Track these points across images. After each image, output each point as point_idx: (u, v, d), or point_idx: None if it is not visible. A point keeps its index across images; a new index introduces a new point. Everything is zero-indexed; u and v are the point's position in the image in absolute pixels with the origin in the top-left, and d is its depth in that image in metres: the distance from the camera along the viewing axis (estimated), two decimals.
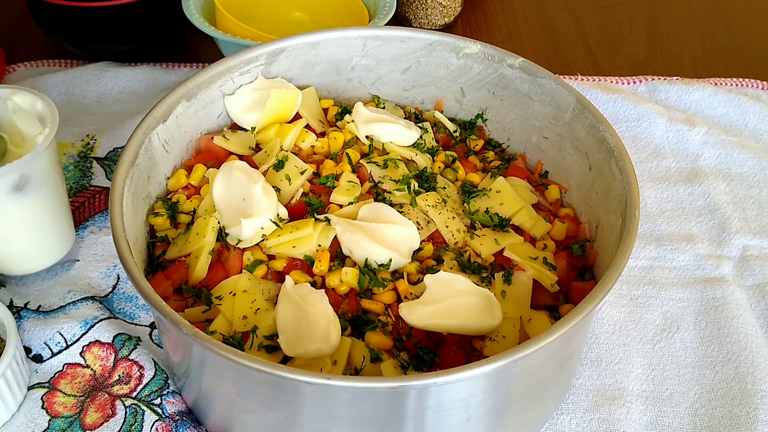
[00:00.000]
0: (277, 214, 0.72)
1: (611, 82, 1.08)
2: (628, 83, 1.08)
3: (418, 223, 0.73)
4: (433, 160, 0.82)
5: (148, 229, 0.75)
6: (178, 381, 0.72)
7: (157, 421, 0.70)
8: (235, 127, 0.84)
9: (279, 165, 0.77)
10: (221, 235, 0.71)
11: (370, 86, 0.89)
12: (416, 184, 0.77)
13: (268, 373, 0.54)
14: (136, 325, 0.78)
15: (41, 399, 0.71)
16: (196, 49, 1.13)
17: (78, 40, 1.05)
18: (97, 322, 0.76)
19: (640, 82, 1.08)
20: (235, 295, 0.67)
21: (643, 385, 0.76)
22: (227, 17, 0.98)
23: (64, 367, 0.73)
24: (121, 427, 0.69)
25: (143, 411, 0.70)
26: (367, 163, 0.78)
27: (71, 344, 0.74)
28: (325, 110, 0.87)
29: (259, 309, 0.67)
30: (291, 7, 1.13)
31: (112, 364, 0.74)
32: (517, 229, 0.76)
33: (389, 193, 0.76)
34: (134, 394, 0.72)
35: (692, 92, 1.05)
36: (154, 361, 0.74)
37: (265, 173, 0.76)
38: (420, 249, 0.72)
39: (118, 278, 0.82)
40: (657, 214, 0.92)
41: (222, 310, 0.67)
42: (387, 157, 0.80)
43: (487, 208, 0.76)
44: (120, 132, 0.96)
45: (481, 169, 0.83)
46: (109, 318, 0.77)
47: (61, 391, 0.72)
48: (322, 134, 0.84)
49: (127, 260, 0.61)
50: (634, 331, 0.80)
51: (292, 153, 0.80)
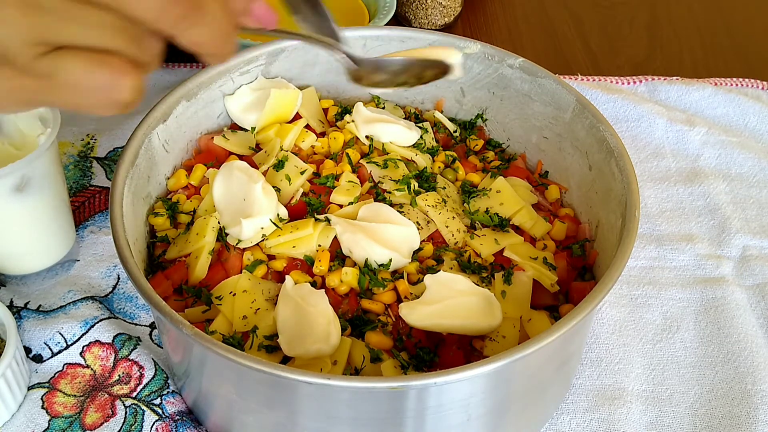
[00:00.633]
0: (277, 214, 0.72)
1: (611, 82, 1.08)
2: (628, 83, 1.08)
3: (418, 223, 0.73)
4: (433, 160, 0.82)
5: (148, 229, 0.75)
6: (178, 381, 0.72)
7: (157, 421, 0.70)
8: (235, 127, 0.84)
9: (279, 165, 0.77)
10: (221, 235, 0.71)
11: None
12: (416, 184, 0.77)
13: (268, 373, 0.54)
14: (136, 325, 0.78)
15: (41, 399, 0.71)
16: None
17: None
18: (97, 322, 0.76)
19: (640, 82, 1.08)
20: (235, 295, 0.67)
21: (643, 385, 0.76)
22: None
23: (64, 367, 0.73)
24: (121, 427, 0.69)
25: (143, 411, 0.70)
26: (367, 163, 0.78)
27: (71, 344, 0.74)
28: (325, 110, 0.87)
29: (259, 309, 0.67)
30: None
31: (112, 364, 0.74)
32: (517, 229, 0.76)
33: (389, 193, 0.76)
34: (134, 394, 0.72)
35: (692, 92, 1.05)
36: (154, 361, 0.74)
37: (265, 173, 0.76)
38: (420, 249, 0.72)
39: (119, 278, 0.82)
40: (657, 214, 0.92)
41: (222, 310, 0.67)
42: (387, 157, 0.80)
43: (487, 208, 0.76)
44: (120, 132, 0.96)
45: (481, 169, 0.83)
46: (109, 318, 0.77)
47: (61, 391, 0.72)
48: (322, 134, 0.84)
49: (127, 260, 0.61)
50: (634, 331, 0.80)
51: (292, 153, 0.80)
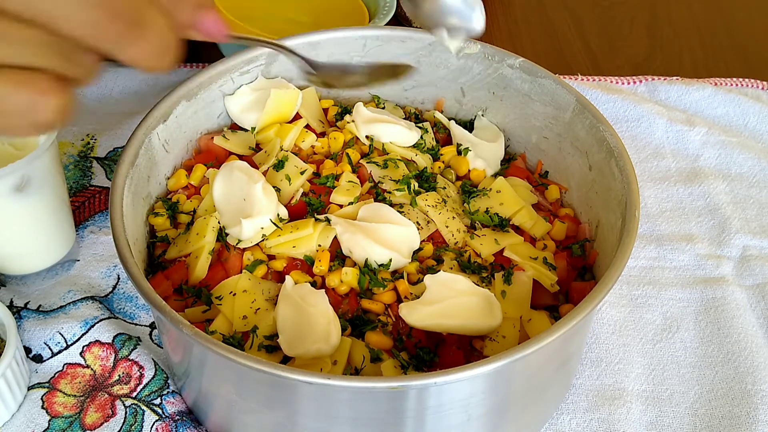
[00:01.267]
0: (277, 214, 0.72)
1: (611, 82, 1.08)
2: (628, 83, 1.08)
3: (418, 223, 0.73)
4: (434, 160, 0.82)
5: (148, 229, 0.75)
6: (178, 381, 0.72)
7: (157, 421, 0.70)
8: (235, 127, 0.84)
9: (279, 165, 0.77)
10: (221, 235, 0.71)
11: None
12: (416, 184, 0.77)
13: (268, 373, 0.54)
14: (136, 325, 0.78)
15: (41, 399, 0.71)
16: (196, 49, 1.13)
17: None
18: (97, 322, 0.76)
19: (640, 82, 1.08)
20: (235, 295, 0.67)
21: (643, 385, 0.76)
22: (227, 17, 0.98)
23: (64, 367, 0.73)
24: (121, 427, 0.69)
25: (143, 411, 0.70)
26: (367, 163, 0.78)
27: (71, 344, 0.74)
28: (325, 110, 0.87)
29: (259, 309, 0.67)
30: (291, 7, 1.13)
31: (112, 364, 0.74)
32: (517, 229, 0.76)
33: (389, 193, 0.76)
34: (134, 394, 0.72)
35: (692, 92, 1.05)
36: (154, 361, 0.74)
37: (265, 173, 0.76)
38: (420, 249, 0.72)
39: (118, 278, 0.82)
40: (657, 214, 0.92)
41: (222, 310, 0.67)
42: (387, 157, 0.80)
43: (487, 208, 0.76)
44: (120, 131, 0.96)
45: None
46: (109, 318, 0.77)
47: (61, 391, 0.72)
48: (322, 134, 0.84)
49: (127, 260, 0.61)
50: (634, 331, 0.80)
51: (292, 153, 0.80)
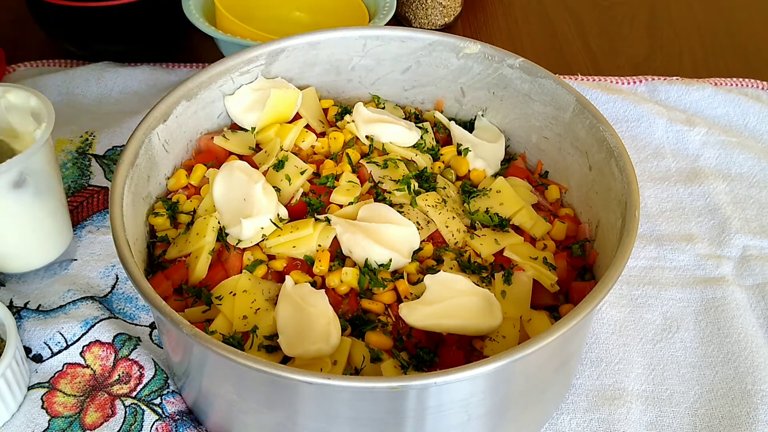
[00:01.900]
0: (277, 214, 0.72)
1: (611, 82, 1.08)
2: (628, 83, 1.08)
3: (418, 223, 0.73)
4: (434, 160, 0.82)
5: (148, 229, 0.75)
6: (178, 381, 0.72)
7: (157, 420, 0.70)
8: (235, 127, 0.84)
9: (279, 165, 0.77)
10: (221, 235, 0.71)
11: (370, 86, 0.89)
12: (416, 184, 0.77)
13: (268, 373, 0.54)
14: (136, 325, 0.78)
15: (41, 399, 0.71)
16: (196, 49, 1.13)
17: (78, 40, 1.05)
18: (98, 322, 0.76)
19: (640, 82, 1.08)
20: (235, 295, 0.67)
21: (643, 385, 0.76)
22: (227, 17, 0.98)
23: (64, 366, 0.73)
24: (121, 426, 0.69)
25: (143, 411, 0.70)
26: (367, 163, 0.78)
27: (71, 344, 0.74)
28: (325, 110, 0.87)
29: (259, 309, 0.67)
30: (291, 7, 1.13)
31: (112, 364, 0.74)
32: (517, 229, 0.76)
33: (389, 193, 0.76)
34: (134, 393, 0.72)
35: (692, 92, 1.05)
36: (154, 361, 0.74)
37: (265, 173, 0.76)
38: (420, 249, 0.72)
39: (117, 278, 0.82)
40: (657, 214, 0.92)
41: (222, 310, 0.67)
42: (387, 157, 0.80)
43: (487, 208, 0.76)
44: (119, 130, 0.96)
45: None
46: (110, 318, 0.77)
47: (61, 391, 0.72)
48: (322, 134, 0.84)
49: (127, 260, 0.61)
50: (634, 331, 0.80)
51: (292, 153, 0.80)
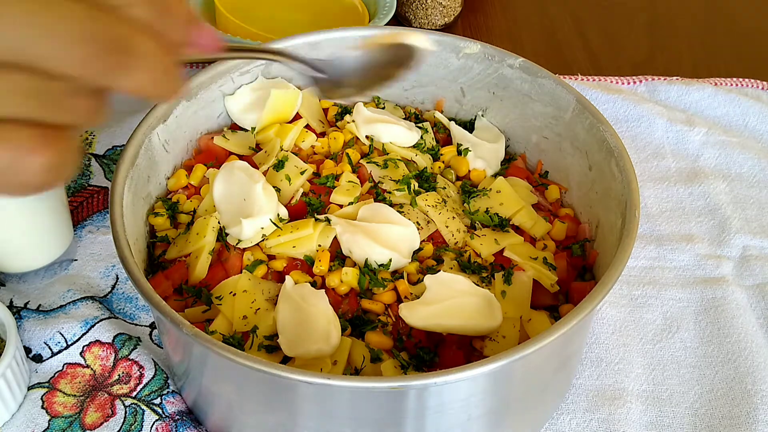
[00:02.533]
0: (278, 214, 0.72)
1: (611, 82, 1.08)
2: (628, 83, 1.08)
3: (418, 223, 0.73)
4: (434, 160, 0.82)
5: (148, 229, 0.75)
6: (178, 381, 0.72)
7: (157, 420, 0.70)
8: (235, 127, 0.84)
9: (279, 165, 0.77)
10: (221, 235, 0.71)
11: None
12: (416, 184, 0.77)
13: (268, 373, 0.54)
14: (136, 325, 0.78)
15: (41, 399, 0.71)
16: None
17: None
18: (98, 322, 0.76)
19: (640, 82, 1.08)
20: (235, 295, 0.67)
21: (643, 385, 0.76)
22: (227, 17, 0.98)
23: (64, 366, 0.73)
24: (121, 426, 0.69)
25: (143, 411, 0.70)
26: (367, 163, 0.78)
27: (71, 344, 0.74)
28: (325, 110, 0.87)
29: (259, 309, 0.67)
30: (291, 7, 1.13)
31: (112, 364, 0.74)
32: (517, 229, 0.76)
33: (389, 193, 0.76)
34: (134, 393, 0.72)
35: (692, 92, 1.05)
36: (154, 361, 0.74)
37: (265, 173, 0.76)
38: (420, 249, 0.72)
39: (117, 278, 0.82)
40: (657, 214, 0.92)
41: (222, 310, 0.67)
42: (387, 157, 0.80)
43: (487, 208, 0.76)
44: (119, 129, 0.96)
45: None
46: (110, 318, 0.77)
47: (61, 391, 0.72)
48: (322, 134, 0.84)
49: (127, 260, 0.61)
50: (634, 331, 0.80)
51: (292, 153, 0.80)
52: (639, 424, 0.72)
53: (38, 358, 0.74)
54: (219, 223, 0.72)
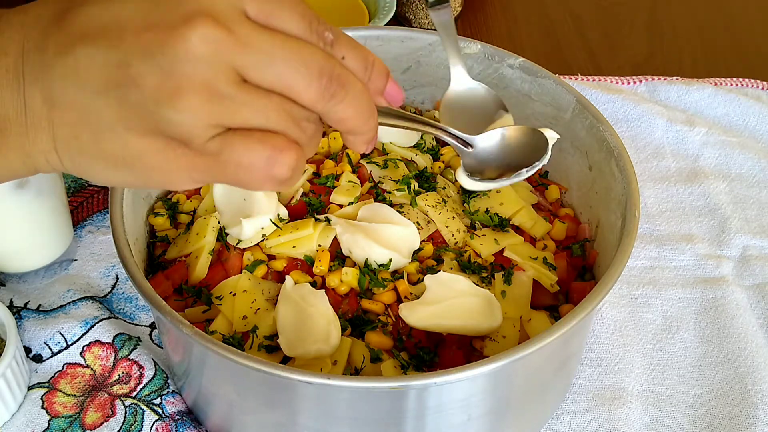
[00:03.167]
0: (278, 214, 0.72)
1: (611, 82, 1.08)
2: (628, 83, 1.08)
3: (418, 223, 0.72)
4: (434, 160, 0.82)
5: (148, 229, 0.75)
6: (178, 381, 0.72)
7: (157, 420, 0.70)
8: None
9: None
10: (221, 235, 0.71)
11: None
12: (416, 184, 0.77)
13: (268, 373, 0.54)
14: (136, 325, 0.78)
15: (41, 399, 0.71)
16: None
17: None
18: (98, 322, 0.76)
19: (640, 82, 1.08)
20: (235, 295, 0.67)
21: (643, 385, 0.76)
22: None
23: (64, 366, 0.73)
24: (121, 426, 0.69)
25: (143, 411, 0.70)
26: (367, 163, 0.78)
27: (71, 344, 0.74)
28: None
29: (259, 309, 0.67)
30: None
31: (112, 364, 0.74)
32: (517, 229, 0.76)
33: (389, 193, 0.76)
34: (134, 393, 0.72)
35: (692, 92, 1.05)
36: (154, 361, 0.74)
37: None
38: (420, 249, 0.72)
39: (117, 278, 0.82)
40: (657, 214, 0.92)
41: (222, 310, 0.67)
42: (387, 157, 0.80)
43: (487, 208, 0.76)
44: None
45: None
46: (110, 318, 0.77)
47: (61, 391, 0.72)
48: (323, 134, 0.84)
49: (128, 260, 0.61)
50: (634, 331, 0.80)
51: None
52: (639, 424, 0.72)
53: (38, 358, 0.74)
54: (219, 223, 0.72)
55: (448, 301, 0.65)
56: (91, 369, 0.73)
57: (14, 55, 0.42)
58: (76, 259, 0.83)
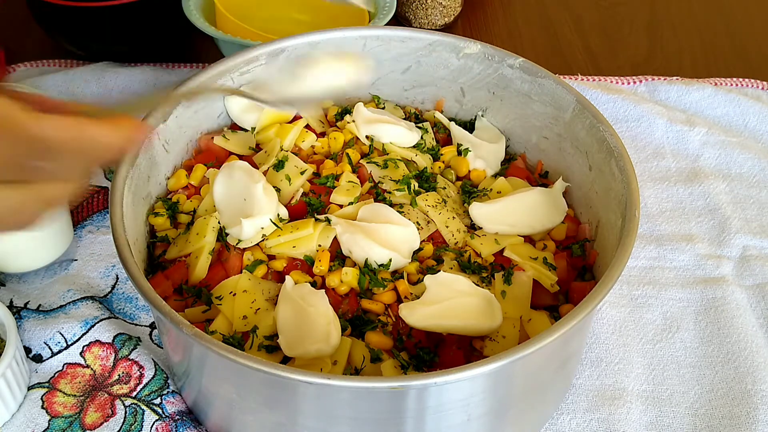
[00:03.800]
0: (278, 214, 0.72)
1: (611, 82, 1.08)
2: (628, 83, 1.08)
3: (418, 223, 0.73)
4: (434, 160, 0.82)
5: (148, 229, 0.75)
6: (178, 381, 0.72)
7: (157, 420, 0.70)
8: (235, 127, 0.84)
9: (279, 165, 0.77)
10: (221, 235, 0.71)
11: (370, 86, 0.89)
12: (416, 184, 0.77)
13: (268, 373, 0.54)
14: (136, 325, 0.78)
15: (41, 399, 0.71)
16: (196, 49, 1.13)
17: (78, 40, 1.05)
18: (98, 322, 0.76)
19: (640, 82, 1.08)
20: (235, 295, 0.67)
21: (643, 385, 0.76)
22: (227, 17, 0.98)
23: (64, 366, 0.73)
24: (121, 426, 0.69)
25: (143, 411, 0.70)
26: (367, 163, 0.78)
27: (71, 344, 0.74)
28: (325, 110, 0.87)
29: (259, 309, 0.67)
30: (291, 7, 1.13)
31: (112, 364, 0.74)
32: None
33: (389, 193, 0.76)
34: (134, 393, 0.72)
35: (692, 92, 1.05)
36: (154, 361, 0.74)
37: (265, 173, 0.76)
38: (420, 249, 0.72)
39: (117, 278, 0.82)
40: (657, 214, 0.92)
41: (222, 310, 0.67)
42: (387, 157, 0.80)
43: None
44: None
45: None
46: (110, 318, 0.77)
47: (60, 391, 0.72)
48: (322, 134, 0.84)
49: (128, 260, 0.61)
50: (634, 331, 0.80)
51: (292, 153, 0.80)
52: (639, 424, 0.72)
53: (38, 358, 0.74)
54: (219, 223, 0.72)
55: (448, 301, 0.65)
56: (91, 369, 0.73)
57: None
58: (76, 259, 0.83)
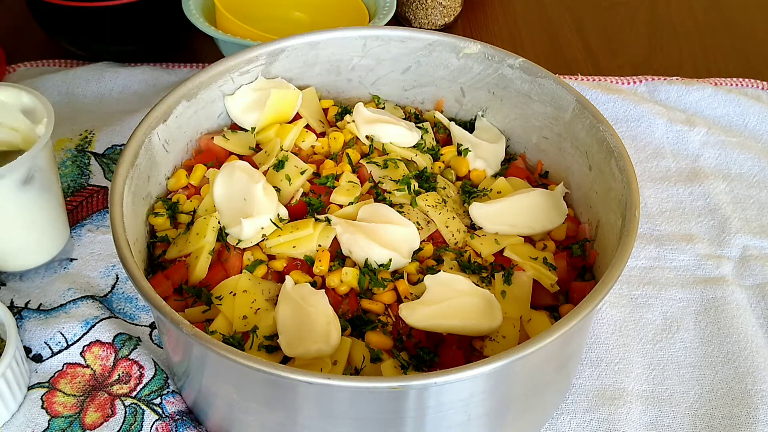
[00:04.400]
0: (278, 214, 0.72)
1: (611, 82, 1.08)
2: (628, 83, 1.08)
3: (418, 223, 0.73)
4: (434, 160, 0.82)
5: (148, 229, 0.75)
6: (178, 381, 0.72)
7: (157, 420, 0.70)
8: (235, 127, 0.84)
9: (279, 165, 0.77)
10: (221, 235, 0.71)
11: (370, 86, 0.89)
12: (416, 184, 0.77)
13: (268, 373, 0.54)
14: (136, 325, 0.78)
15: (41, 399, 0.71)
16: (196, 49, 1.13)
17: (78, 40, 1.05)
18: (98, 322, 0.76)
19: (640, 82, 1.08)
20: (235, 295, 0.67)
21: (643, 385, 0.76)
22: (227, 17, 0.98)
23: (64, 366, 0.73)
24: (121, 426, 0.69)
25: (143, 410, 0.70)
26: (367, 163, 0.78)
27: (71, 344, 0.74)
28: (325, 110, 0.87)
29: (259, 309, 0.67)
30: (291, 7, 1.13)
31: (112, 364, 0.74)
32: None
33: (389, 193, 0.76)
34: (134, 393, 0.72)
35: (692, 92, 1.05)
36: (154, 361, 0.74)
37: (265, 173, 0.76)
38: (420, 249, 0.72)
39: (117, 278, 0.82)
40: (657, 214, 0.92)
41: (222, 310, 0.67)
42: (387, 157, 0.80)
43: None
44: (119, 128, 0.96)
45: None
46: (110, 318, 0.77)
47: (60, 391, 0.72)
48: (322, 134, 0.84)
49: (127, 260, 0.61)
50: (634, 331, 0.80)
51: (292, 153, 0.80)
52: (639, 424, 0.72)
53: (38, 358, 0.74)
54: (219, 223, 0.72)
55: (448, 302, 0.65)
56: (91, 369, 0.73)
57: None
58: (76, 258, 0.83)
